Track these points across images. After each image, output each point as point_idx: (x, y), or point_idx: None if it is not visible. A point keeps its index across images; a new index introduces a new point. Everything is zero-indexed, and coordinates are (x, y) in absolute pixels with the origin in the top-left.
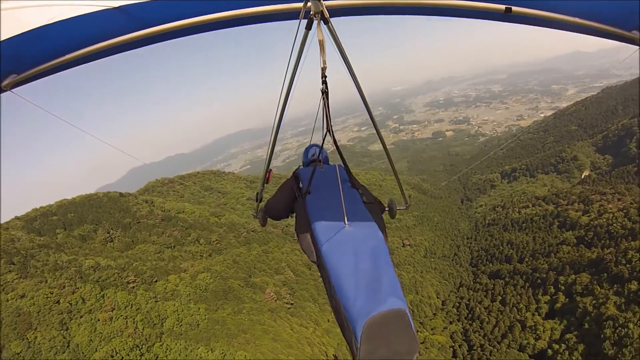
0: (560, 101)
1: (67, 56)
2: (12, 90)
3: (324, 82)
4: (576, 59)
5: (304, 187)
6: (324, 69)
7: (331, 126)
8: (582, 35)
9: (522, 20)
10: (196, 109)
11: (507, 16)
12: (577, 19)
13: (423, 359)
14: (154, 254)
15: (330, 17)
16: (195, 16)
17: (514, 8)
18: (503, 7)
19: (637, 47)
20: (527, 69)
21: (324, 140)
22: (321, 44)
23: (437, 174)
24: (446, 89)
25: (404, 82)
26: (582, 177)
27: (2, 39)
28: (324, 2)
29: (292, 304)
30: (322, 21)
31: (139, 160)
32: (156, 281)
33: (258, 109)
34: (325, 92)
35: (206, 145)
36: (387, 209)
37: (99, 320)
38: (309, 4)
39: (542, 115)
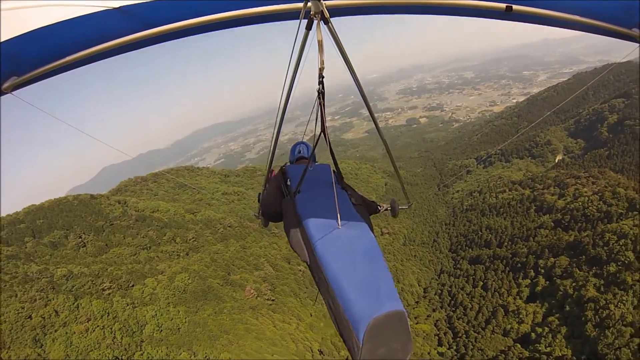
0: (532, 87)
1: (68, 58)
2: (13, 92)
3: (321, 83)
4: (545, 45)
5: (292, 186)
6: (321, 69)
7: (326, 127)
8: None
9: (522, 19)
10: (167, 105)
11: (507, 15)
12: (577, 17)
13: None
14: (129, 256)
15: (331, 17)
16: (196, 17)
17: (515, 7)
18: (504, 5)
19: (637, 44)
20: (498, 56)
21: (318, 140)
22: (320, 44)
23: (412, 161)
24: (419, 77)
25: (375, 70)
26: (556, 161)
27: (2, 39)
28: (324, 2)
29: (273, 300)
30: (322, 21)
31: (128, 155)
32: (133, 286)
33: (230, 102)
34: (321, 93)
35: (179, 140)
36: (389, 208)
37: (74, 333)
38: (309, 4)
39: (514, 100)
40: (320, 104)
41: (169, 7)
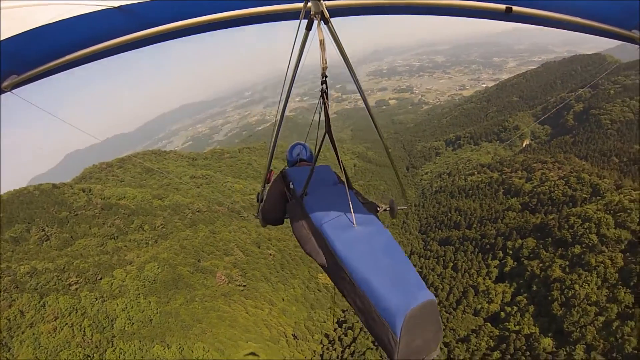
0: (501, 73)
1: (68, 57)
2: (12, 91)
3: (324, 82)
4: (516, 34)
5: (297, 188)
6: (324, 69)
7: (330, 127)
8: None
9: (522, 20)
10: (132, 86)
11: (507, 16)
12: (577, 19)
13: None
14: (96, 247)
15: (330, 17)
16: (196, 16)
17: (515, 8)
18: (503, 6)
19: (637, 46)
20: (469, 42)
21: (322, 141)
22: (322, 43)
23: (381, 142)
24: (389, 59)
25: (346, 51)
26: (524, 145)
27: (3, 38)
28: (324, 2)
29: (244, 285)
30: (322, 21)
31: (96, 139)
32: (101, 279)
33: (197, 83)
34: (325, 93)
35: (146, 123)
36: (388, 208)
37: (42, 333)
38: (309, 4)
39: (483, 85)
40: (324, 103)
41: (169, 7)
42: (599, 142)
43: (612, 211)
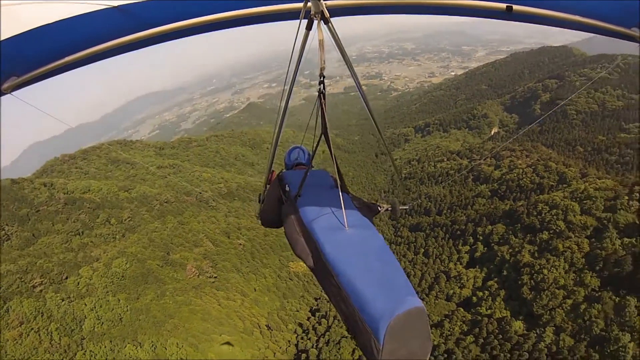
0: (470, 62)
1: (68, 58)
2: (13, 93)
3: (322, 83)
4: (486, 24)
5: (292, 190)
6: (322, 69)
7: (327, 129)
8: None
9: (523, 19)
10: (95, 73)
11: (508, 15)
12: (577, 17)
13: None
14: (60, 245)
15: (331, 17)
16: (196, 17)
17: (515, 7)
18: (504, 5)
19: (637, 44)
20: (439, 29)
21: (318, 142)
22: (321, 43)
23: (350, 128)
24: (359, 45)
25: (311, 37)
26: (492, 133)
27: (2, 38)
28: (324, 2)
29: (215, 277)
30: (322, 21)
31: (68, 125)
32: (66, 278)
33: (164, 70)
34: (322, 93)
35: (111, 112)
36: (390, 208)
37: (7, 341)
38: (309, 4)
39: (453, 73)
40: (321, 104)
41: (168, 7)
42: (565, 132)
43: (577, 198)
